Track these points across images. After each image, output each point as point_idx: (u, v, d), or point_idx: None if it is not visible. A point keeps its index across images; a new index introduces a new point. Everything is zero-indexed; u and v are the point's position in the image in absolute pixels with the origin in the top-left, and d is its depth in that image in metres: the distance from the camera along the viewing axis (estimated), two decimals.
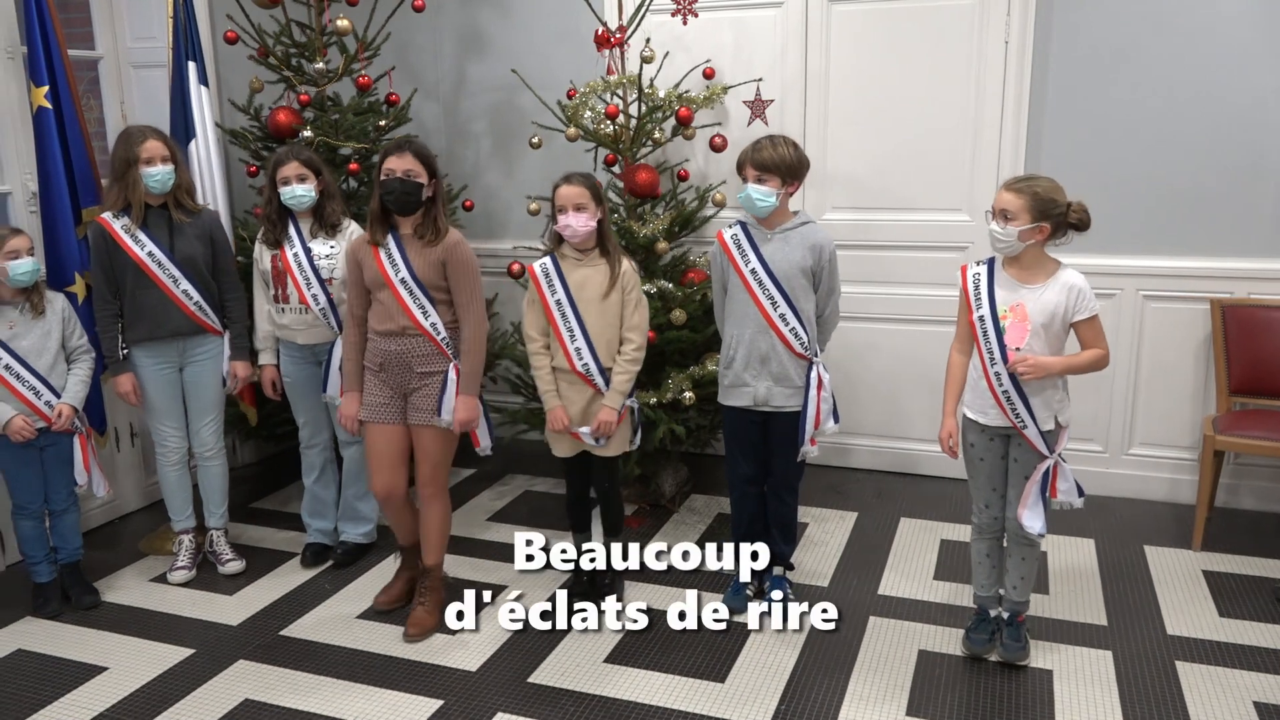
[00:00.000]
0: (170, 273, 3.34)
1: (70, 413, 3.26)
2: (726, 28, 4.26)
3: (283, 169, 3.38)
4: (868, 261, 4.24)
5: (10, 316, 3.19)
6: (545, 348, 3.17)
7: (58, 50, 3.47)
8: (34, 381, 3.20)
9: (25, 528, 3.32)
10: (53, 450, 3.30)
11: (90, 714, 2.77)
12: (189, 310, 3.40)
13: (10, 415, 3.16)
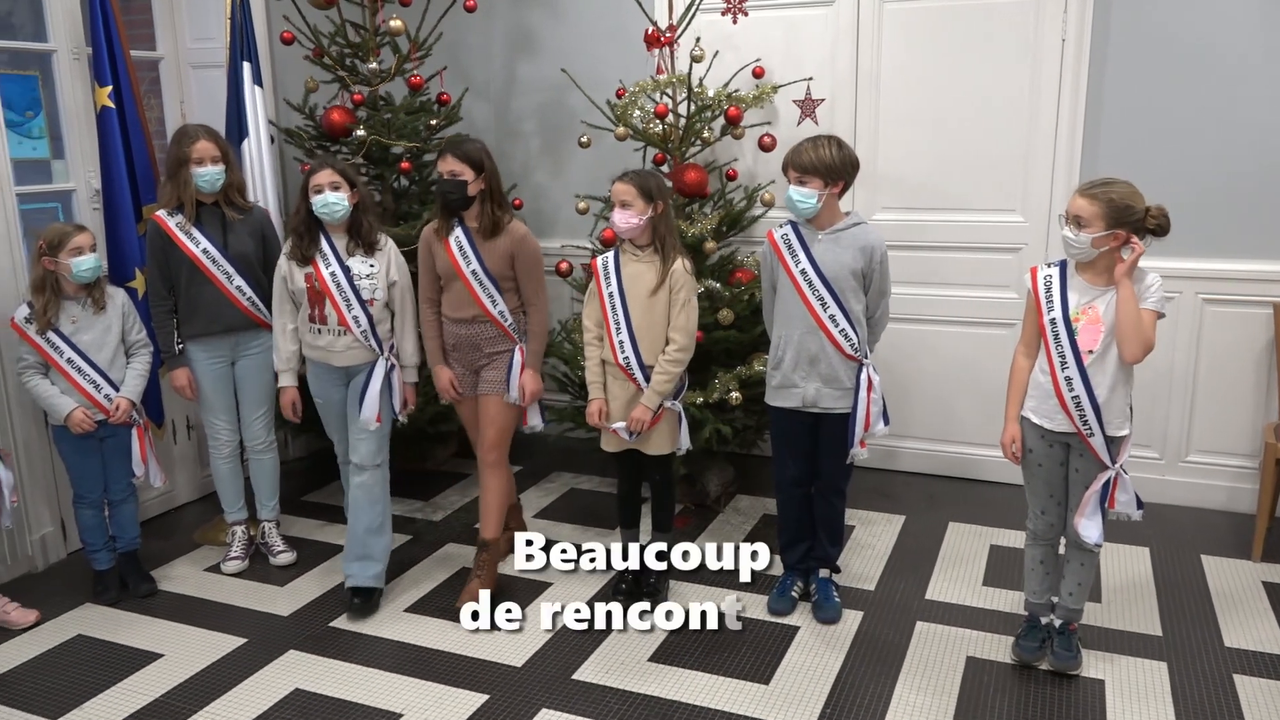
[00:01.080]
0: (224, 269, 3.40)
1: (128, 406, 3.34)
2: (776, 26, 4.24)
3: (315, 176, 3.19)
4: (918, 262, 4.19)
5: (73, 311, 3.27)
6: (598, 339, 3.19)
7: (121, 51, 3.55)
8: (94, 375, 3.28)
9: (86, 516, 3.41)
10: (112, 442, 3.38)
11: (146, 699, 2.84)
12: (242, 305, 3.45)
13: (71, 408, 3.24)
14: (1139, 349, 2.59)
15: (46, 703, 2.83)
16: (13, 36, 3.95)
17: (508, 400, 3.27)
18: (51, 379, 3.27)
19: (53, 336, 3.23)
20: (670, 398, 3.15)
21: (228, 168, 3.40)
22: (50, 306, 3.22)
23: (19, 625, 3.22)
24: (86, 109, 3.75)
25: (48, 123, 3.98)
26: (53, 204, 3.99)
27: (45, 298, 3.22)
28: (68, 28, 3.75)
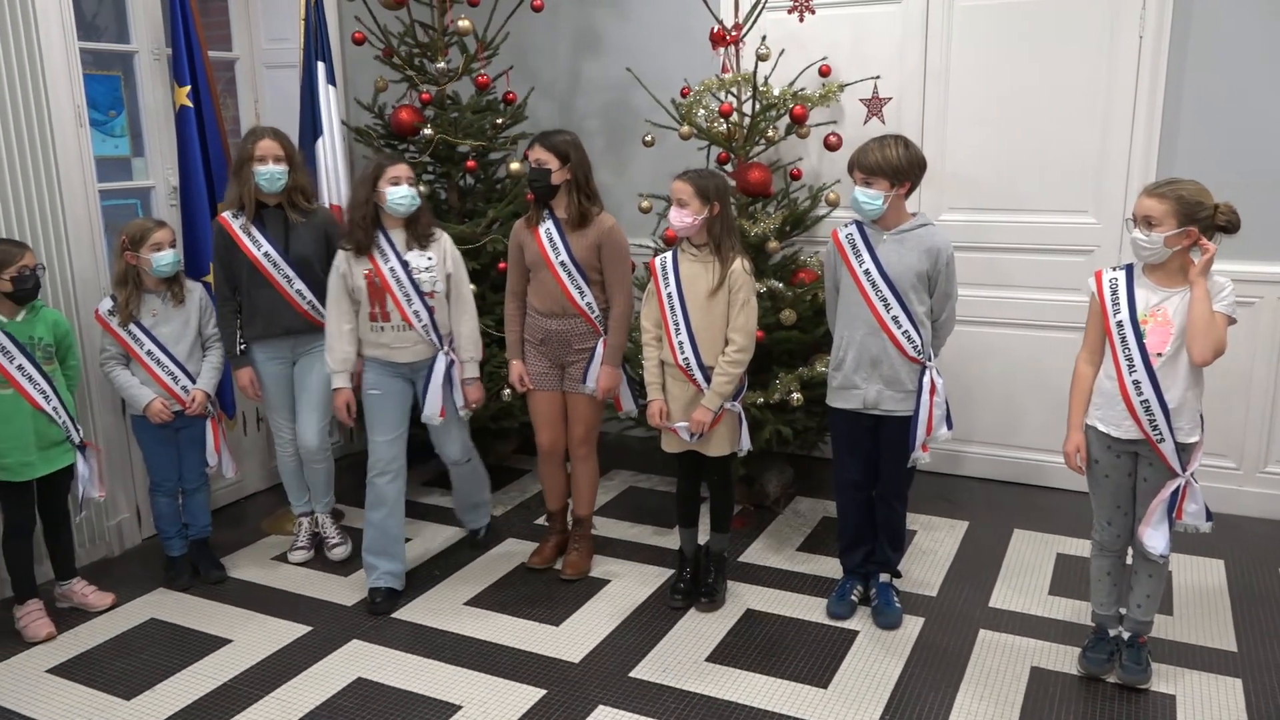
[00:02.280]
0: (284, 272, 3.42)
1: (203, 398, 3.43)
2: (844, 25, 4.20)
3: (393, 169, 3.21)
4: (986, 264, 4.12)
5: (153, 305, 3.38)
6: (657, 340, 3.20)
7: (199, 52, 3.65)
8: (172, 367, 3.38)
9: (161, 504, 3.52)
10: (187, 432, 3.48)
11: (215, 684, 2.92)
12: (302, 309, 3.47)
13: (150, 398, 3.35)
14: (1210, 350, 2.52)
15: (121, 683, 2.93)
16: (97, 38, 4.08)
17: (585, 392, 3.36)
18: (132, 370, 3.39)
19: (134, 329, 3.34)
20: (730, 399, 3.14)
21: (291, 168, 3.40)
22: (132, 300, 3.33)
23: (96, 608, 3.33)
24: (166, 108, 3.87)
25: (129, 121, 4.11)
26: (132, 200, 4.13)
27: (127, 291, 3.32)
28: (149, 29, 3.86)
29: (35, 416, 3.07)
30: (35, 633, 3.15)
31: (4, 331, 3.02)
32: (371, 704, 2.80)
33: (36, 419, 3.08)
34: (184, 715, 2.77)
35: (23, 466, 3.07)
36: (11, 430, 3.04)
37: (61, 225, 3.47)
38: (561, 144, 3.24)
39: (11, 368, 3.02)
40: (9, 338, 3.03)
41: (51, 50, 3.39)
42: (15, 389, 3.03)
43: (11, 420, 3.03)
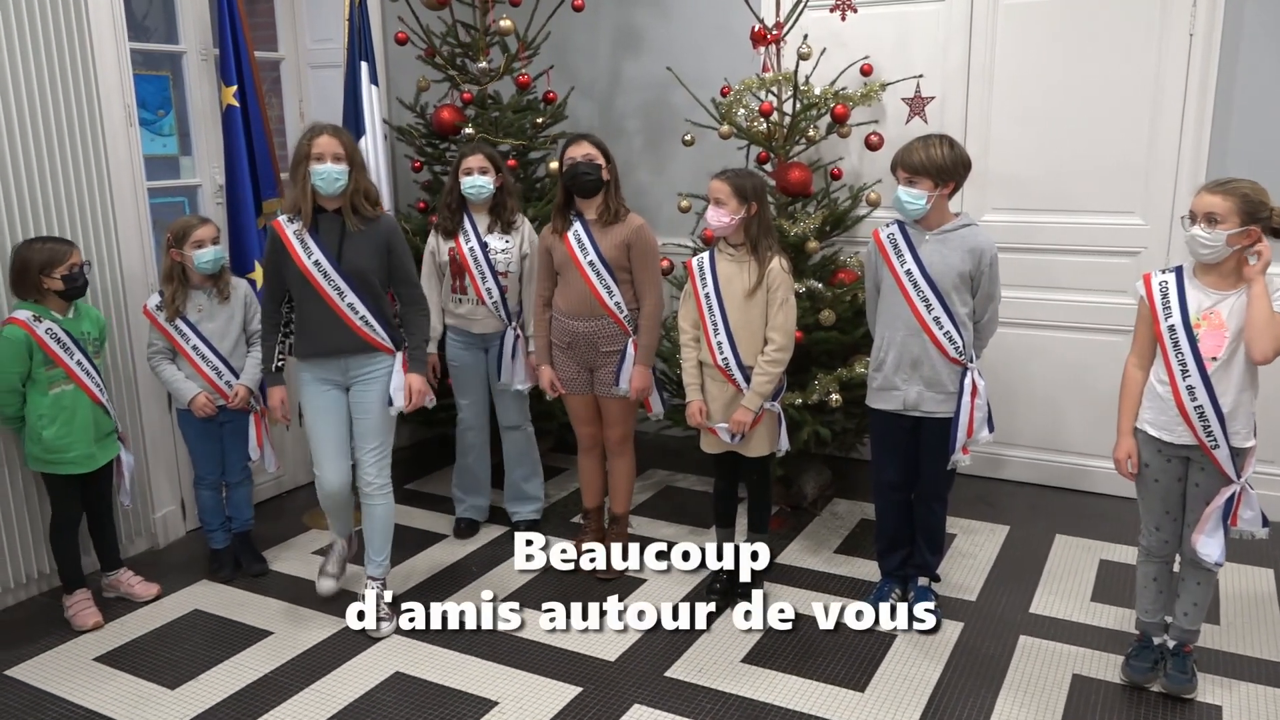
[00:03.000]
0: (335, 283, 3.05)
1: (246, 393, 3.47)
2: (886, 23, 4.16)
3: (467, 160, 3.53)
4: (1030, 265, 4.07)
5: (199, 301, 3.42)
6: (695, 340, 3.19)
7: (246, 52, 3.70)
8: (216, 362, 3.43)
9: (205, 497, 3.58)
10: (230, 426, 3.53)
11: (257, 674, 2.96)
12: (354, 325, 3.07)
13: (195, 392, 3.41)
14: (1271, 348, 2.47)
15: (165, 673, 2.98)
16: (146, 39, 4.15)
17: (617, 394, 3.38)
18: (178, 365, 3.44)
19: (180, 324, 3.38)
20: (769, 399, 3.12)
21: (352, 169, 3.04)
22: (178, 295, 3.37)
23: (141, 598, 3.39)
24: (213, 108, 3.93)
25: (177, 121, 4.18)
26: (180, 198, 4.20)
27: (173, 287, 3.37)
28: (197, 30, 3.93)
29: (94, 409, 3.16)
30: (83, 621, 3.21)
31: (62, 328, 3.09)
32: (409, 698, 2.83)
33: (95, 411, 3.16)
34: (227, 705, 2.81)
35: (86, 459, 3.15)
36: (77, 423, 3.11)
37: (111, 223, 3.53)
38: (604, 144, 3.36)
39: (72, 363, 3.09)
40: (67, 334, 3.10)
41: (103, 51, 3.45)
42: (77, 383, 3.11)
43: (76, 414, 3.11)
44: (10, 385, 3.05)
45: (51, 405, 3.08)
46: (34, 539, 3.36)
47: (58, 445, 3.09)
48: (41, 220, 3.30)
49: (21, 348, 3.02)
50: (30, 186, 3.27)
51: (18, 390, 3.07)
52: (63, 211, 3.37)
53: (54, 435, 3.08)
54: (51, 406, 3.08)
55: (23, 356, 3.02)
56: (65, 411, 3.10)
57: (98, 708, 2.80)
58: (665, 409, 3.59)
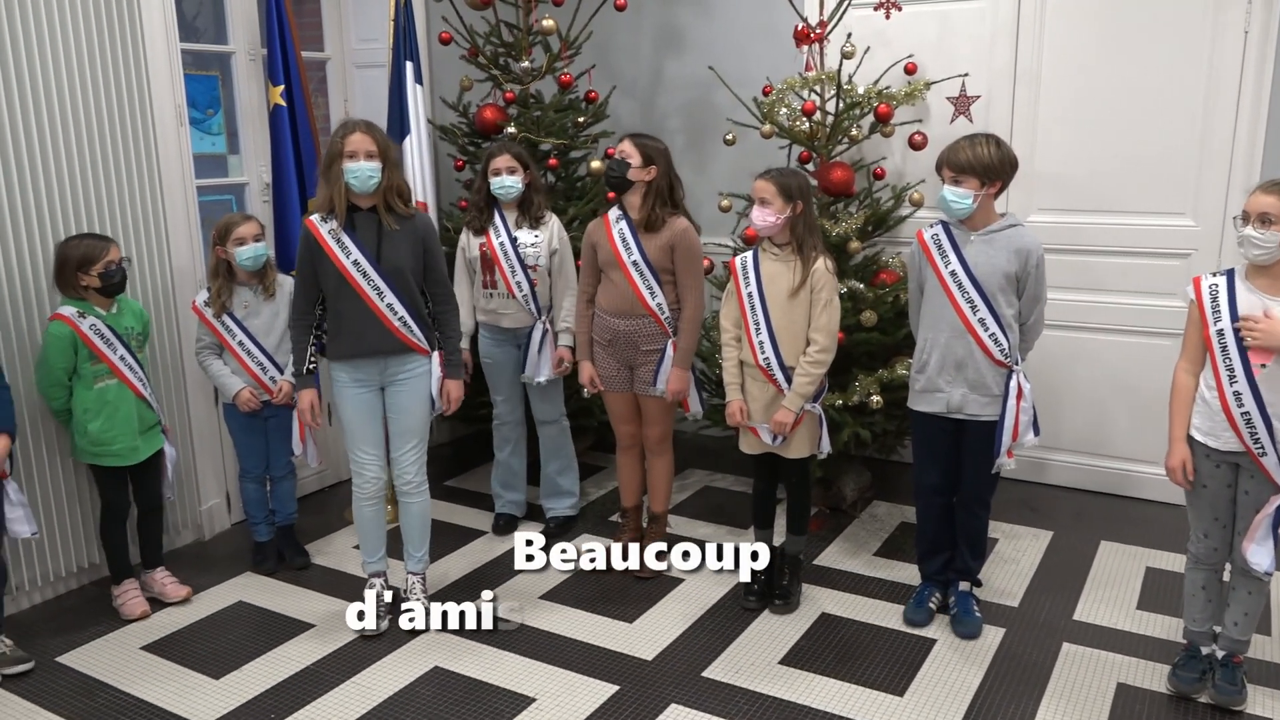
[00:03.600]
0: (374, 283, 3.00)
1: (289, 389, 3.48)
2: (931, 22, 4.12)
3: (495, 160, 3.57)
4: (1076, 267, 4.00)
5: (245, 297, 3.47)
6: (736, 340, 3.18)
7: (293, 52, 3.75)
8: (261, 358, 3.48)
9: (249, 490, 3.64)
10: (275, 421, 3.58)
11: (299, 666, 3.00)
12: (392, 326, 3.04)
13: (240, 387, 3.46)
14: None
15: (210, 663, 3.03)
16: (196, 39, 4.23)
17: (656, 393, 3.39)
18: (224, 360, 3.49)
19: (227, 320, 3.43)
20: (810, 400, 3.11)
21: (385, 166, 2.98)
22: (224, 291, 3.42)
23: (172, 599, 3.40)
24: (260, 107, 3.99)
25: (225, 120, 4.25)
26: (227, 196, 4.27)
27: (219, 283, 3.42)
28: (245, 30, 3.99)
29: (137, 403, 3.21)
30: (131, 611, 3.28)
31: (105, 324, 3.15)
32: (447, 693, 2.85)
33: (138, 405, 3.22)
34: (269, 695, 2.86)
35: (130, 451, 3.21)
36: (120, 417, 3.17)
37: (162, 220, 3.60)
38: (649, 146, 3.32)
39: (115, 358, 3.15)
40: (110, 329, 3.15)
41: (155, 51, 3.52)
42: (120, 378, 3.16)
43: (119, 408, 3.17)
44: (57, 380, 3.12)
45: (96, 399, 3.14)
46: (84, 531, 3.44)
47: (102, 438, 3.16)
48: (94, 217, 3.37)
49: (66, 344, 3.08)
50: (84, 184, 3.34)
51: (64, 385, 3.14)
52: (114, 208, 3.43)
53: (99, 429, 3.15)
54: (96, 400, 3.14)
55: (68, 352, 3.09)
56: (109, 405, 3.16)
57: (144, 695, 2.86)
58: (704, 409, 3.58)
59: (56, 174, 3.26)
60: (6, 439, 2.90)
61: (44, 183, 3.23)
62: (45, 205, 3.24)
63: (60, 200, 3.28)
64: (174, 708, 2.80)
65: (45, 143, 3.22)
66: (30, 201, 3.20)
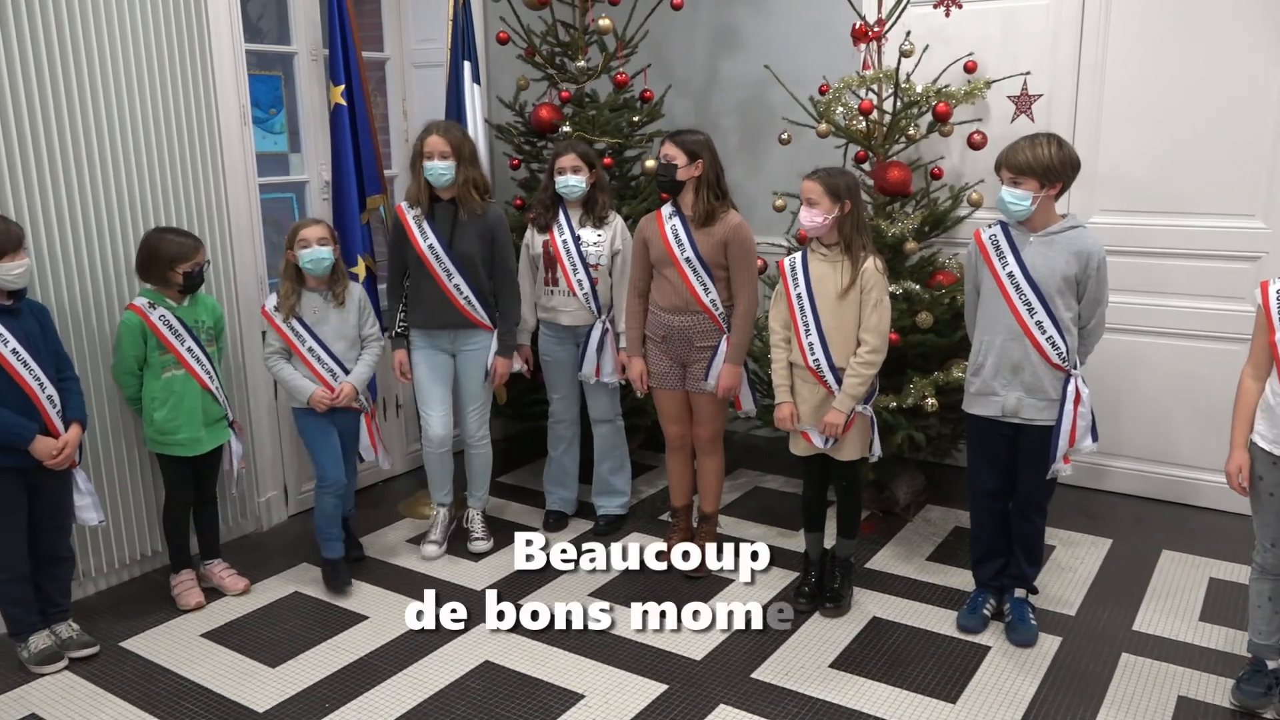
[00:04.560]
0: (445, 266, 3.48)
1: (351, 391, 3.45)
2: (992, 19, 4.06)
3: (560, 159, 3.61)
4: (1139, 269, 3.91)
5: (315, 303, 3.44)
6: (786, 341, 3.16)
7: (354, 52, 3.81)
8: (331, 364, 3.43)
9: (326, 503, 3.48)
10: (346, 425, 3.54)
11: (353, 657, 3.05)
12: (459, 304, 3.52)
13: (312, 389, 3.40)
14: None
15: (266, 651, 3.09)
16: (260, 40, 4.31)
17: (708, 389, 3.38)
18: (293, 365, 3.44)
19: (295, 325, 3.40)
20: (861, 401, 3.08)
21: (460, 164, 3.44)
22: (293, 295, 3.40)
23: (230, 591, 3.44)
24: (321, 106, 4.06)
25: (287, 119, 4.33)
26: (288, 194, 4.35)
27: (288, 287, 3.41)
28: (308, 31, 4.06)
29: (203, 395, 3.27)
30: (187, 600, 3.35)
31: (175, 316, 3.22)
32: (498, 687, 2.88)
33: (204, 397, 3.27)
34: (324, 685, 2.91)
35: (193, 442, 3.27)
36: (185, 408, 3.24)
37: (226, 217, 3.68)
38: (691, 142, 3.30)
39: (183, 350, 3.22)
40: (180, 322, 3.23)
41: (221, 52, 3.60)
42: (186, 370, 3.23)
43: (184, 399, 3.23)
44: (128, 368, 3.21)
45: (163, 389, 3.22)
46: (148, 520, 3.53)
47: (167, 427, 3.23)
48: (160, 213, 3.45)
49: (136, 332, 3.17)
50: (153, 182, 3.43)
51: (135, 373, 3.22)
52: (180, 205, 3.52)
53: (163, 418, 3.22)
54: (163, 390, 3.22)
55: (137, 341, 3.17)
56: (175, 396, 3.22)
57: (203, 681, 2.93)
58: (756, 407, 3.57)
59: (126, 172, 3.35)
60: (78, 428, 2.99)
61: (114, 181, 3.32)
62: (115, 203, 3.33)
63: (130, 198, 3.36)
64: (232, 694, 2.86)
65: (116, 142, 3.31)
66: (101, 199, 3.29)
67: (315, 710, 2.78)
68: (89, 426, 3.18)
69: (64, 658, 3.02)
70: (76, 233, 3.24)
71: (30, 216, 3.09)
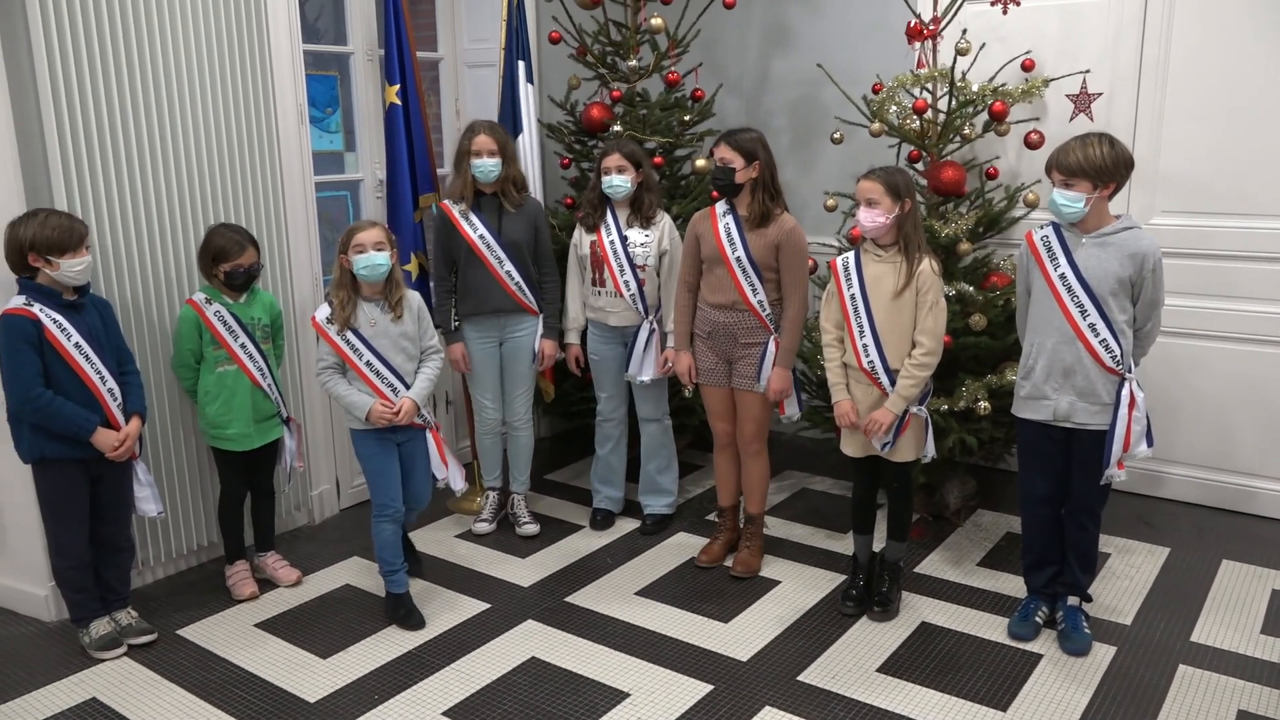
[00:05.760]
0: (497, 253, 3.62)
1: (412, 407, 3.17)
2: (1052, 16, 3.98)
3: (605, 160, 3.64)
4: (1200, 272, 3.82)
5: (372, 314, 3.15)
6: (838, 341, 3.14)
7: (409, 53, 3.85)
8: (391, 379, 3.17)
9: (385, 532, 3.22)
10: (408, 447, 3.26)
11: (401, 650, 3.09)
12: (510, 289, 3.66)
13: (370, 404, 3.12)
14: None
15: (318, 642, 3.14)
16: (318, 40, 4.38)
17: (756, 390, 3.37)
18: (349, 379, 3.17)
19: (351, 337, 3.12)
20: (915, 403, 3.05)
21: (504, 161, 3.59)
22: (347, 305, 3.11)
23: (284, 582, 3.51)
24: (376, 106, 4.11)
25: (343, 118, 4.39)
26: (343, 192, 4.41)
27: (343, 296, 3.12)
28: (364, 32, 4.11)
29: (254, 391, 3.31)
30: (241, 591, 3.42)
31: (231, 312, 3.28)
32: (544, 683, 2.89)
33: (255, 394, 3.31)
34: (373, 676, 2.95)
35: (244, 437, 3.31)
36: (236, 403, 3.28)
37: (282, 215, 3.74)
38: (747, 142, 3.27)
39: (235, 346, 3.27)
40: (235, 318, 3.28)
41: (280, 53, 3.66)
42: (239, 366, 3.27)
43: (235, 394, 3.28)
44: (184, 361, 3.29)
45: (215, 383, 3.27)
46: (204, 511, 3.60)
47: (218, 421, 3.29)
48: (220, 211, 3.52)
49: (192, 326, 3.24)
50: (211, 179, 3.49)
51: (192, 366, 3.29)
52: (238, 203, 3.58)
53: (215, 412, 3.29)
54: (215, 384, 3.27)
55: (193, 335, 3.24)
56: (227, 390, 3.27)
57: (256, 670, 2.99)
58: (802, 411, 3.54)
59: (188, 171, 3.42)
60: (138, 421, 3.06)
61: (176, 179, 3.39)
62: (177, 201, 3.40)
63: (191, 196, 3.43)
64: (283, 684, 2.92)
65: (178, 141, 3.38)
66: (164, 197, 3.36)
67: (364, 702, 2.82)
68: (149, 419, 3.25)
69: (123, 644, 3.10)
70: (139, 229, 3.31)
71: (95, 214, 3.17)
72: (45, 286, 2.88)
